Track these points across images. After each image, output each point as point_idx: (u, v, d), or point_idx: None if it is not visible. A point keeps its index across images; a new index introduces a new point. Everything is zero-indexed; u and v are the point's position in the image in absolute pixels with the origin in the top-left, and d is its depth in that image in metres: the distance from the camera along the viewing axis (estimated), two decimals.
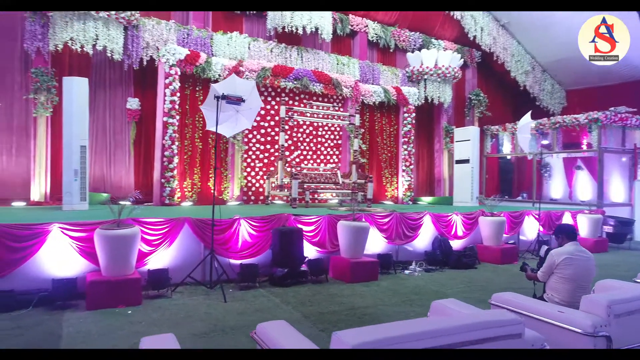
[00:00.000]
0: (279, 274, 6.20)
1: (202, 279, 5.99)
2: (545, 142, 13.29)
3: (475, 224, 8.82)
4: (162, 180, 8.73)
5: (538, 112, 14.47)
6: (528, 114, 9.47)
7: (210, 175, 9.72)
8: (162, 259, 5.81)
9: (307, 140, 11.15)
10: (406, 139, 12.17)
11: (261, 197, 10.35)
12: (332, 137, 11.46)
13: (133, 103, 9.39)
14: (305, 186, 9.47)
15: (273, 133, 10.65)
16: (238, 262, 6.25)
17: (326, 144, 11.44)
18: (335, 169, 10.82)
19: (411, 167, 12.25)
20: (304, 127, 11.08)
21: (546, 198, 13.81)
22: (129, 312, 4.88)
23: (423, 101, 12.71)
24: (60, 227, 5.17)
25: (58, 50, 8.15)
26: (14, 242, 4.94)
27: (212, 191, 8.18)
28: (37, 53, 8.26)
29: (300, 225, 6.86)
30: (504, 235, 8.91)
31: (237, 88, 6.01)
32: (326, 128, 11.39)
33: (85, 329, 4.34)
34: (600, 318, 2.78)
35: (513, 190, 15.46)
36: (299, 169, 10.29)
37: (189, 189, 9.44)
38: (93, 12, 8.00)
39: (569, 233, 4.68)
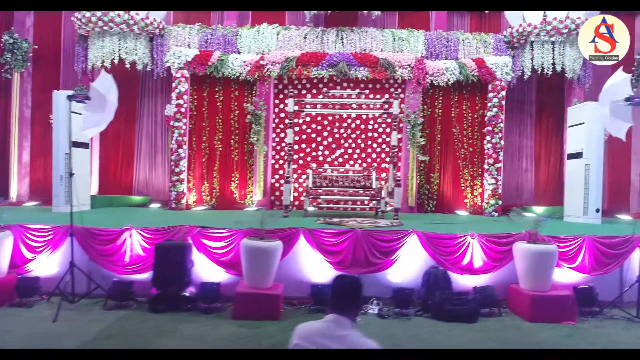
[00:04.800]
0: (151, 297, 5.32)
1: (85, 291, 5.63)
2: None
3: (511, 253, 5.72)
4: (169, 184, 8.77)
5: None
6: (619, 70, 5.58)
7: (233, 179, 9.26)
8: (45, 266, 5.72)
9: (353, 136, 9.43)
10: (491, 128, 8.94)
11: (296, 203, 9.27)
12: (387, 131, 9.37)
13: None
14: (311, 191, 8.05)
15: (309, 131, 9.43)
16: (123, 277, 5.64)
17: (379, 140, 9.44)
18: (371, 170, 8.80)
19: (497, 165, 8.92)
20: (349, 120, 9.41)
21: None
22: None
23: (530, 72, 9.16)
24: None
25: (93, 68, 9.12)
26: None
27: (73, 200, 7.98)
28: (84, 73, 9.43)
29: (205, 241, 5.74)
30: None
31: (111, 83, 5.48)
32: (379, 121, 9.40)
33: None
34: None
35: None
36: (320, 170, 8.81)
37: (207, 193, 9.20)
38: (106, 28, 8.63)
39: (336, 294, 2.53)
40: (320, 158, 9.39)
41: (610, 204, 9.84)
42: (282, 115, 9.38)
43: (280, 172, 9.37)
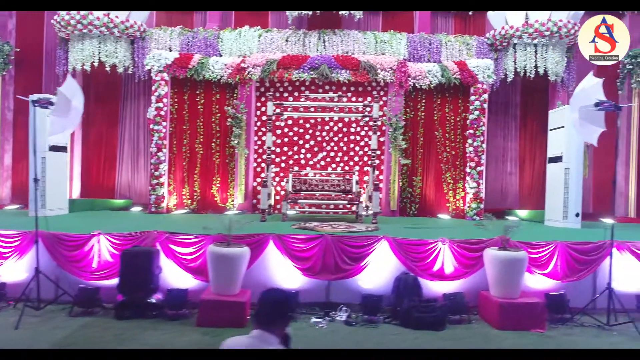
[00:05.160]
0: (117, 303, 5.28)
1: (52, 297, 5.59)
2: None
3: (482, 258, 5.66)
4: (149, 187, 8.73)
5: None
6: (590, 74, 5.53)
7: (214, 183, 9.22)
8: (13, 272, 5.68)
9: (335, 139, 9.38)
10: (473, 131, 8.89)
11: (278, 206, 9.22)
12: (369, 134, 9.30)
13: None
14: (291, 195, 8.01)
15: (291, 134, 9.38)
16: (89, 283, 5.60)
17: (362, 143, 9.39)
18: (352, 174, 8.76)
19: (479, 168, 8.86)
20: (331, 124, 9.35)
21: None
22: None
23: (513, 75, 9.10)
24: None
25: (74, 71, 9.08)
26: None
27: (37, 206, 7.87)
28: (64, 76, 9.37)
29: (174, 246, 5.70)
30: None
31: (75, 88, 5.45)
32: (361, 124, 9.34)
33: None
34: None
35: None
36: (302, 174, 8.77)
37: (188, 196, 9.16)
38: (86, 31, 8.60)
39: (261, 309, 2.47)
40: (303, 161, 9.33)
41: (595, 208, 9.79)
42: (264, 118, 9.27)
43: (262, 175, 9.31)
